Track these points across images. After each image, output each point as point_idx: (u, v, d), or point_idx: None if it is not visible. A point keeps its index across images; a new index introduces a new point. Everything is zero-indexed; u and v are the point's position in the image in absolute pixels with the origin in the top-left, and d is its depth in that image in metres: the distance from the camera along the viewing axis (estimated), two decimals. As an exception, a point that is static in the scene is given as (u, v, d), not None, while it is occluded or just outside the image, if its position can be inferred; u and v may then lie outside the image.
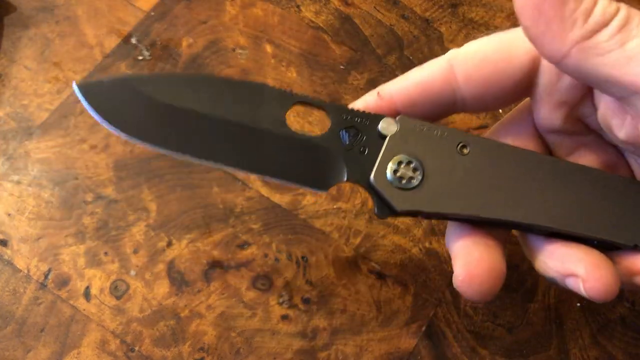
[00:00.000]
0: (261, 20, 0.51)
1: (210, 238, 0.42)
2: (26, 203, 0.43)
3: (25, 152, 0.44)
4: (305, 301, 0.41)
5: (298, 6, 0.52)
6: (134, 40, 0.49)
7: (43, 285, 0.40)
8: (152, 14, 0.50)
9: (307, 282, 0.41)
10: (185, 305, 0.40)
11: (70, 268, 0.41)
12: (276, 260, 0.42)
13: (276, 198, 0.44)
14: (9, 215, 0.42)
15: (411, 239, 0.43)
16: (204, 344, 0.39)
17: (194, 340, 0.39)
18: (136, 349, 0.39)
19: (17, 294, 0.40)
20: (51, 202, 0.43)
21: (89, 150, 0.44)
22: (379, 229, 0.43)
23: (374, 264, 0.42)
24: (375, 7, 0.52)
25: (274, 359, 0.39)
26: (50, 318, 0.39)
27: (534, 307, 0.42)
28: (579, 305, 0.42)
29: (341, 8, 0.52)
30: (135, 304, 0.40)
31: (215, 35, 0.50)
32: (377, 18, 0.52)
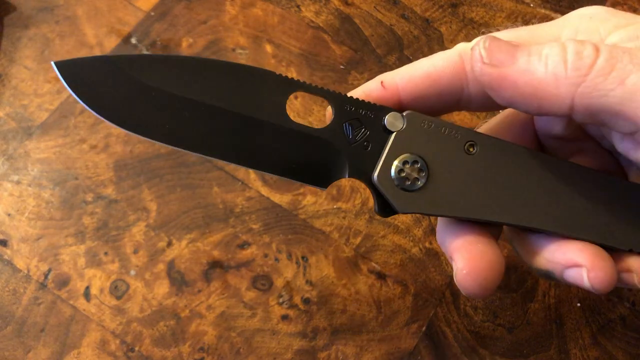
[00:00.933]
0: (261, 20, 0.51)
1: (210, 238, 0.42)
2: (26, 203, 0.43)
3: (25, 152, 0.44)
4: (305, 301, 0.41)
5: (298, 6, 0.52)
6: (134, 40, 0.49)
7: (43, 285, 0.40)
8: (152, 14, 0.50)
9: (307, 282, 0.41)
10: (185, 305, 0.40)
11: (70, 268, 0.41)
12: (276, 260, 0.42)
13: (276, 198, 0.44)
14: (9, 215, 0.42)
15: (411, 238, 0.43)
16: (204, 344, 0.39)
17: (194, 340, 0.39)
18: (136, 349, 0.39)
19: (17, 294, 0.40)
20: (51, 202, 0.43)
21: (89, 150, 0.44)
22: (379, 229, 0.43)
23: (374, 264, 0.42)
24: (375, 7, 0.52)
25: (274, 359, 0.39)
26: (50, 318, 0.39)
27: (534, 307, 0.42)
28: (579, 305, 0.42)
29: (341, 8, 0.52)
30: (135, 304, 0.40)
31: (216, 35, 0.50)
32: (377, 18, 0.52)
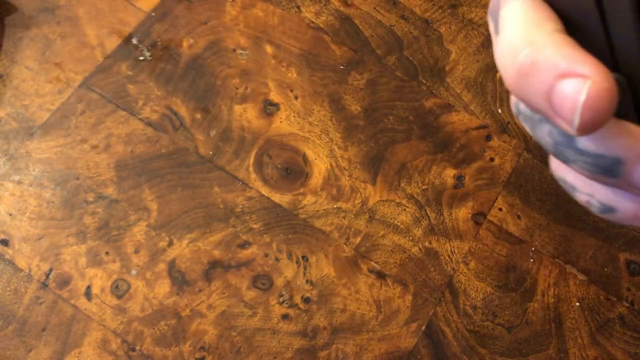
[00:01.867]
0: (261, 21, 0.51)
1: (210, 238, 0.42)
2: (27, 203, 0.43)
3: (26, 152, 0.44)
4: (306, 300, 0.41)
5: (298, 7, 0.52)
6: (134, 41, 0.49)
7: (44, 285, 0.40)
8: (153, 14, 0.50)
9: (308, 282, 0.42)
10: (186, 305, 0.40)
11: (72, 268, 0.41)
12: (276, 259, 0.42)
13: (276, 198, 0.44)
14: (10, 215, 0.42)
15: (411, 238, 0.43)
16: (204, 343, 0.39)
17: (194, 339, 0.39)
18: (137, 348, 0.39)
19: (19, 293, 0.40)
20: (52, 202, 0.43)
21: (90, 150, 0.45)
22: (378, 228, 0.43)
23: (374, 264, 0.42)
24: (375, 8, 0.53)
25: (275, 358, 0.39)
26: (52, 317, 0.39)
27: (533, 307, 0.42)
28: (578, 305, 0.42)
29: (341, 9, 0.52)
30: (136, 304, 0.40)
31: (216, 35, 0.50)
32: (377, 19, 0.52)
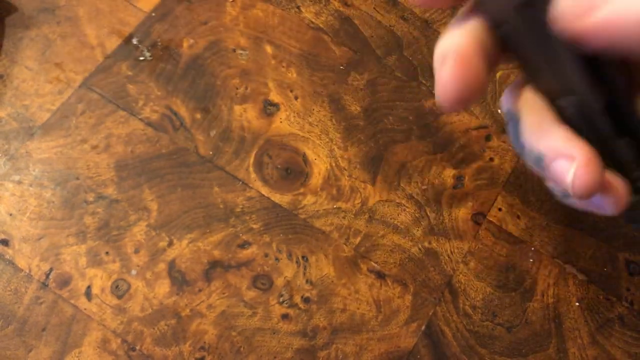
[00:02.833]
0: (261, 21, 0.51)
1: (210, 238, 0.42)
2: (28, 203, 0.43)
3: (26, 153, 0.44)
4: (306, 300, 0.41)
5: (298, 7, 0.52)
6: (135, 41, 0.49)
7: (44, 285, 0.40)
8: (153, 14, 0.50)
9: (307, 282, 0.42)
10: (186, 305, 0.40)
11: (72, 268, 0.41)
12: (276, 259, 0.42)
13: (276, 198, 0.44)
14: (10, 215, 0.42)
15: (410, 238, 0.43)
16: (204, 343, 0.39)
17: (194, 339, 0.39)
18: (137, 348, 0.39)
19: (19, 293, 0.40)
20: (52, 202, 0.43)
21: (90, 150, 0.45)
22: (378, 228, 0.43)
23: (373, 264, 0.42)
24: (375, 8, 0.53)
25: (275, 358, 0.39)
26: (52, 317, 0.39)
27: (533, 307, 0.42)
28: (577, 304, 0.42)
29: (341, 9, 0.52)
30: (136, 304, 0.40)
31: (216, 36, 0.50)
32: (377, 19, 0.52)
